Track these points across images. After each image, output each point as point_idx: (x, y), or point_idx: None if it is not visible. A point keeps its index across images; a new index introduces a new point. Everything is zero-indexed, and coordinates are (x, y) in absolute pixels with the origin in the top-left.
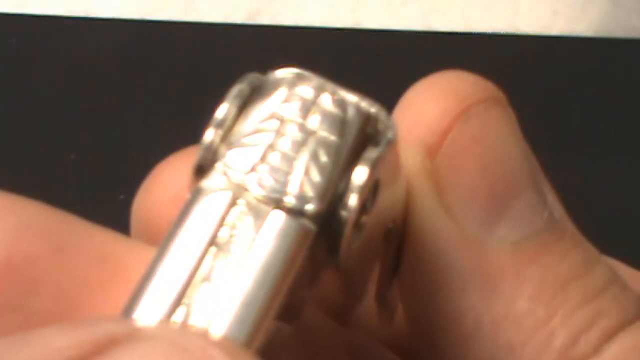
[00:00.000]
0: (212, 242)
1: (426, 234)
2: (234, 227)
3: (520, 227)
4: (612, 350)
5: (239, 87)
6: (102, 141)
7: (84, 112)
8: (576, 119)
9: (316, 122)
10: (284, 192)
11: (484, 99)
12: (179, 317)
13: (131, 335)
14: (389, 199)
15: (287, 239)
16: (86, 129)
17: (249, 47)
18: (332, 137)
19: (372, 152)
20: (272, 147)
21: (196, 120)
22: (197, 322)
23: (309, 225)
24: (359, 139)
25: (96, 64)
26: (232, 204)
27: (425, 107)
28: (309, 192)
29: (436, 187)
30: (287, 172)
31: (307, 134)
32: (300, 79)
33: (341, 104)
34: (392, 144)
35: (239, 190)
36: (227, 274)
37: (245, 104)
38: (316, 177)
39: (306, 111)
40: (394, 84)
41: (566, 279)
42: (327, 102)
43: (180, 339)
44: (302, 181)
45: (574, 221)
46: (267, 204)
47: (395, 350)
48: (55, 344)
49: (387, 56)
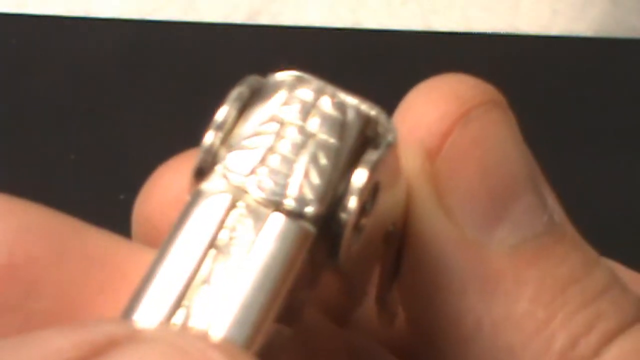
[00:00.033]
0: (212, 244)
1: (426, 236)
2: (233, 230)
3: (519, 230)
4: (612, 352)
5: (239, 90)
6: (102, 141)
7: (84, 112)
8: (576, 119)
9: (316, 124)
10: (283, 195)
11: (484, 102)
12: (178, 320)
13: (131, 337)
14: (388, 201)
15: (287, 241)
16: (86, 129)
17: (249, 47)
18: (331, 140)
19: (371, 155)
20: (271, 150)
21: (196, 120)
22: (197, 324)
23: (309, 227)
24: (359, 142)
25: (96, 64)
26: (232, 206)
27: (425, 110)
28: (309, 195)
29: (436, 189)
30: (287, 174)
31: (307, 136)
32: (300, 81)
33: (341, 107)
34: (392, 146)
35: (238, 192)
36: (227, 277)
37: (245, 107)
38: (316, 180)
39: (306, 114)
40: (394, 84)
41: (566, 282)
42: (326, 105)
43: (180, 341)
44: (302, 184)
45: (573, 221)
46: (266, 206)
47: (395, 352)
48: (54, 345)
49: (387, 56)
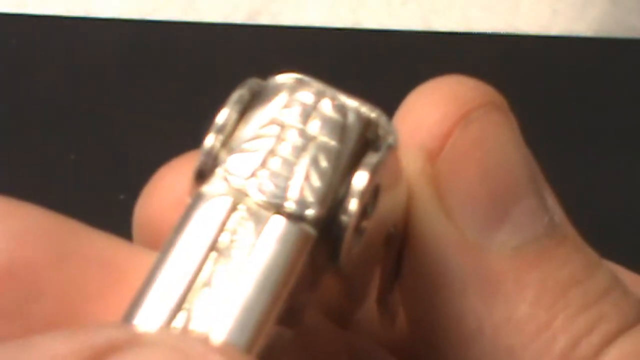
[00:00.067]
0: (213, 247)
1: (427, 238)
2: (234, 232)
3: (520, 232)
4: (613, 354)
5: (240, 93)
6: (102, 141)
7: (84, 112)
8: (576, 119)
9: (316, 127)
10: (284, 198)
11: (484, 103)
12: (179, 323)
13: (132, 341)
14: (389, 203)
15: (288, 244)
16: (86, 129)
17: (249, 47)
18: (332, 143)
19: (372, 157)
20: (272, 153)
21: (196, 120)
22: (198, 327)
23: (310, 230)
24: (360, 144)
25: (96, 64)
26: (233, 209)
27: (425, 112)
28: (309, 197)
29: (437, 191)
30: (288, 177)
31: (308, 139)
32: (300, 84)
33: (341, 109)
34: (392, 149)
35: (239, 195)
36: (228, 279)
37: (245, 109)
38: (316, 182)
39: (306, 116)
40: (394, 84)
41: (567, 284)
42: (327, 108)
43: (181, 345)
44: (303, 186)
45: (574, 222)
46: (267, 209)
47: (396, 354)
48: (55, 350)
49: (387, 56)
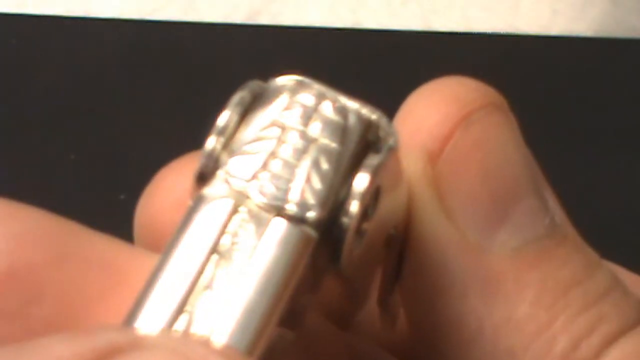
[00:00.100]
0: (214, 249)
1: (427, 239)
2: (235, 235)
3: (521, 232)
4: (613, 355)
5: (240, 95)
6: (102, 141)
7: (84, 112)
8: (576, 119)
9: (317, 129)
10: (285, 200)
11: (484, 104)
12: (181, 325)
13: (133, 344)
14: (390, 205)
15: (289, 246)
16: (86, 129)
17: (249, 47)
18: (333, 145)
19: (373, 159)
20: (273, 155)
21: (196, 120)
22: (199, 329)
23: (311, 232)
24: (360, 146)
25: (96, 64)
26: (234, 211)
27: (426, 113)
28: (310, 200)
29: (437, 192)
30: (289, 179)
31: (309, 141)
32: (301, 86)
33: (342, 111)
34: (393, 150)
35: (240, 197)
36: (229, 282)
37: (246, 112)
38: (317, 185)
39: (307, 119)
40: (394, 84)
41: (567, 285)
42: (328, 110)
43: (182, 347)
44: (304, 188)
45: (573, 222)
46: (268, 211)
47: (397, 355)
48: (56, 352)
49: (387, 56)
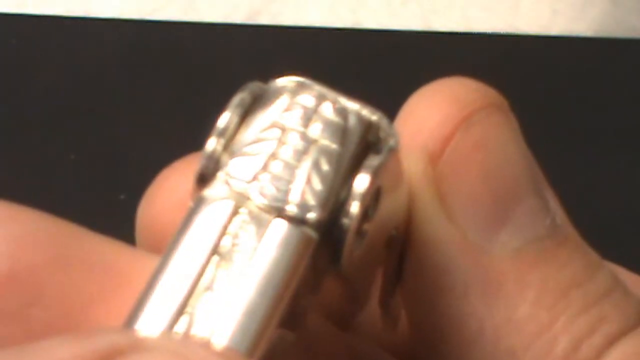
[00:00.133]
0: (215, 251)
1: (428, 240)
2: (236, 236)
3: (522, 233)
4: (614, 356)
5: (241, 96)
6: (102, 141)
7: (84, 112)
8: (576, 119)
9: (317, 130)
10: (285, 201)
11: (485, 105)
12: (181, 326)
13: (134, 345)
14: (391, 206)
15: (289, 247)
16: (86, 129)
17: (249, 47)
18: (333, 146)
19: (373, 160)
20: (273, 156)
21: (196, 120)
22: (200, 331)
23: (311, 233)
24: (361, 147)
25: (96, 64)
26: (235, 212)
27: (427, 114)
28: (311, 201)
29: (438, 193)
30: (289, 180)
31: (309, 142)
32: (301, 87)
33: (342, 112)
34: (393, 151)
35: (241, 199)
36: (230, 283)
37: (247, 113)
38: (318, 186)
39: (307, 120)
40: (394, 84)
41: (568, 285)
42: (328, 111)
43: (182, 349)
44: (304, 190)
45: (573, 222)
46: (269, 212)
47: (398, 356)
48: (57, 355)
49: (387, 56)
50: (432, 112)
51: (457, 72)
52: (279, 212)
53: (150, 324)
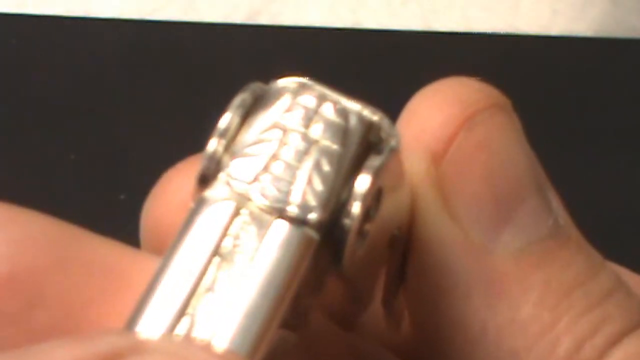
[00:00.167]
0: (216, 252)
1: (431, 240)
2: (237, 237)
3: (524, 233)
4: (617, 356)
5: (242, 97)
6: (102, 141)
7: (84, 112)
8: (576, 119)
9: (318, 131)
10: (286, 202)
11: (488, 105)
12: (183, 328)
13: (134, 348)
14: (392, 206)
15: (291, 248)
16: (86, 129)
17: (249, 47)
18: (334, 146)
19: (374, 160)
20: (275, 157)
21: (196, 120)
22: (201, 332)
23: (312, 234)
24: (362, 148)
25: (96, 64)
26: (236, 214)
27: (429, 114)
28: (312, 201)
29: (441, 194)
30: (290, 181)
31: (310, 143)
32: (302, 88)
33: (343, 113)
34: (394, 151)
35: (242, 200)
36: (231, 284)
37: (248, 114)
38: (319, 186)
39: (308, 120)
40: (394, 84)
41: (571, 286)
42: (329, 111)
43: (183, 352)
44: (305, 190)
45: (573, 222)
46: (270, 213)
47: (401, 356)
48: (57, 358)
49: (387, 56)
50: (435, 113)
51: (457, 72)
52: (280, 213)
53: (151, 326)
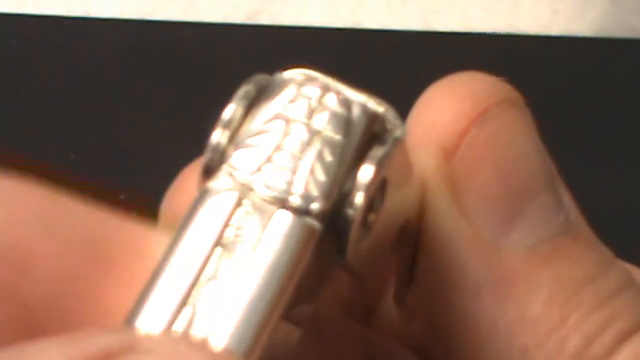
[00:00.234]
0: (218, 242)
1: (441, 236)
2: (239, 228)
3: (535, 230)
4: (626, 353)
5: (246, 88)
6: (102, 141)
7: (84, 112)
8: (576, 119)
9: (321, 121)
10: (289, 192)
11: (500, 101)
12: (184, 318)
13: (130, 349)
14: (399, 199)
15: (293, 238)
16: (86, 129)
17: (249, 47)
18: (337, 137)
19: (378, 151)
20: (277, 147)
21: (196, 120)
22: (202, 322)
23: (315, 224)
24: (365, 138)
25: (96, 64)
26: (238, 204)
27: (441, 110)
28: (314, 192)
29: (452, 189)
30: (293, 172)
31: (313, 133)
32: (306, 79)
33: (346, 103)
34: (399, 142)
35: (244, 190)
36: (233, 274)
37: (251, 105)
38: (321, 177)
39: (312, 111)
40: (394, 84)
41: (580, 283)
42: (332, 102)
43: (178, 352)
44: (308, 180)
45: None
46: (272, 203)
47: (415, 350)
48: (50, 359)
49: (387, 56)
50: (447, 108)
51: (457, 72)
52: (283, 203)
53: (153, 316)
